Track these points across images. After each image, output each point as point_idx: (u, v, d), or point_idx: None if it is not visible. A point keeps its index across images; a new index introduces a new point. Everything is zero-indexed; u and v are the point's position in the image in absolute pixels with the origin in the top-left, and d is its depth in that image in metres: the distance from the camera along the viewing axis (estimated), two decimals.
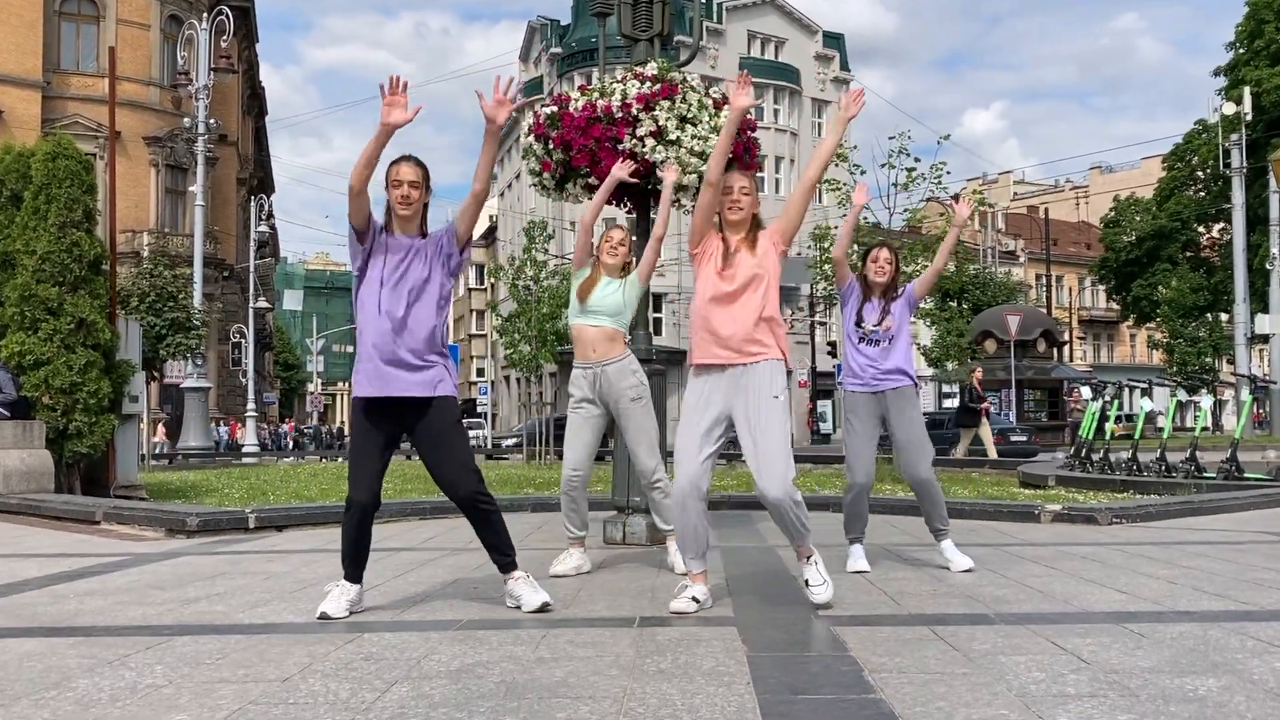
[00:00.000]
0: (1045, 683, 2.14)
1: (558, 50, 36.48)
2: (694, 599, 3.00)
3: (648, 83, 4.28)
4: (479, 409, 36.00)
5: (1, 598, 3.43)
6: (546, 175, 4.49)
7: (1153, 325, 34.10)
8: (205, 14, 20.47)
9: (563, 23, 37.75)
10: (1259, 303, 25.31)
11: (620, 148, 4.20)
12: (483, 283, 42.07)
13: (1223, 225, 30.61)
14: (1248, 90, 24.71)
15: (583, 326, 3.77)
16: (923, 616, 2.90)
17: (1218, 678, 2.17)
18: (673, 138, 4.17)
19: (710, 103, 4.33)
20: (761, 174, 34.50)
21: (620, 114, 4.21)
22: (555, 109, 4.40)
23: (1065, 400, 21.10)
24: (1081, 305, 50.22)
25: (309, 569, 4.00)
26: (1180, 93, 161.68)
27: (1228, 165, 24.76)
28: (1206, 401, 10.21)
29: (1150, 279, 32.93)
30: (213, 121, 19.38)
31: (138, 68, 27.47)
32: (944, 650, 2.46)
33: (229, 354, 27.97)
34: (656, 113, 4.18)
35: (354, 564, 3.05)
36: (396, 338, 2.96)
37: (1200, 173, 31.61)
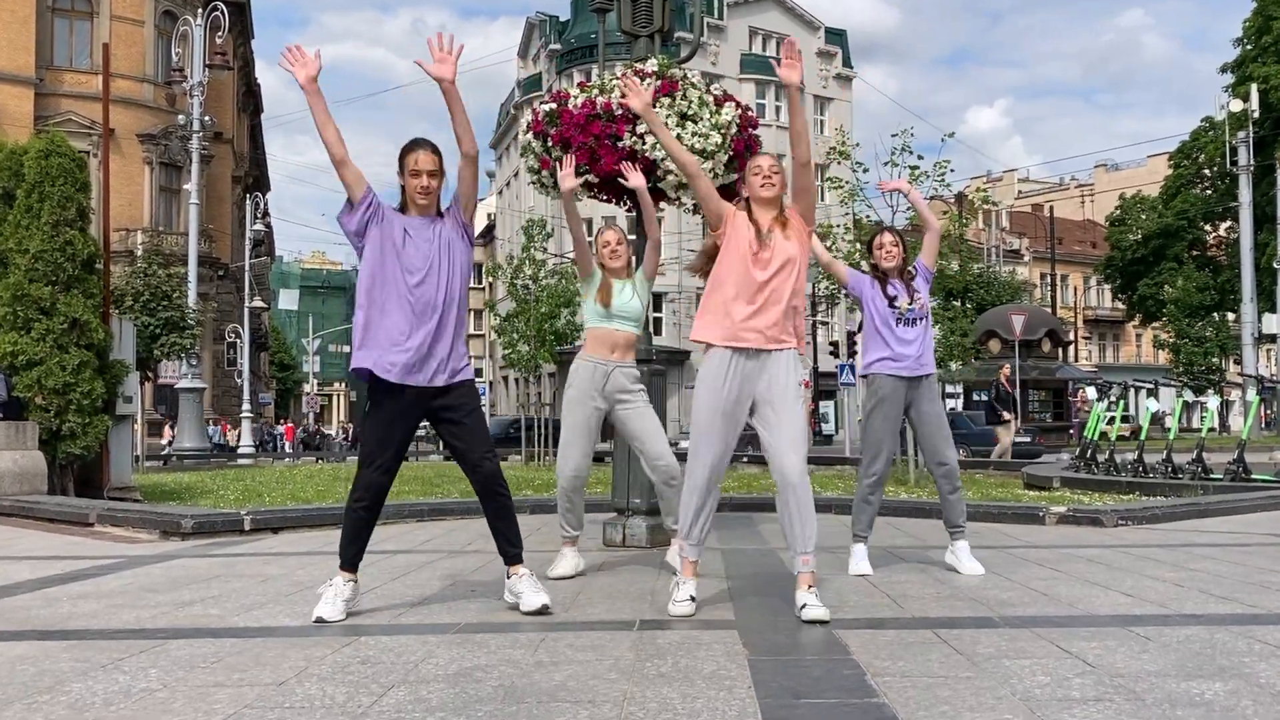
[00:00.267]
0: (1050, 686, 2.13)
1: (557, 47, 36.44)
2: (691, 598, 2.99)
3: (648, 79, 4.25)
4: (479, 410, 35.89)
5: None
6: (545, 173, 4.47)
7: (1159, 325, 33.85)
8: (200, 10, 20.43)
9: (562, 19, 37.70)
10: (1266, 302, 25.31)
11: (620, 145, 4.17)
12: (480, 282, 41.98)
13: (1230, 224, 30.43)
14: (1255, 87, 24.64)
15: (610, 330, 3.80)
16: (926, 619, 2.89)
17: (1225, 681, 2.16)
18: (673, 135, 4.14)
19: (711, 99, 4.30)
20: None
21: (620, 111, 4.18)
22: (554, 106, 4.37)
23: (1071, 401, 21.09)
24: (1087, 305, 50.08)
25: (305, 571, 3.97)
26: (1186, 90, 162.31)
27: (1234, 163, 24.76)
28: (1213, 402, 10.22)
29: (1156, 278, 32.80)
30: (207, 119, 19.32)
31: (132, 64, 27.38)
32: (947, 654, 2.45)
33: (224, 354, 27.91)
34: (657, 110, 4.15)
35: (354, 552, 3.02)
36: (431, 323, 2.93)
37: (1207, 170, 31.48)
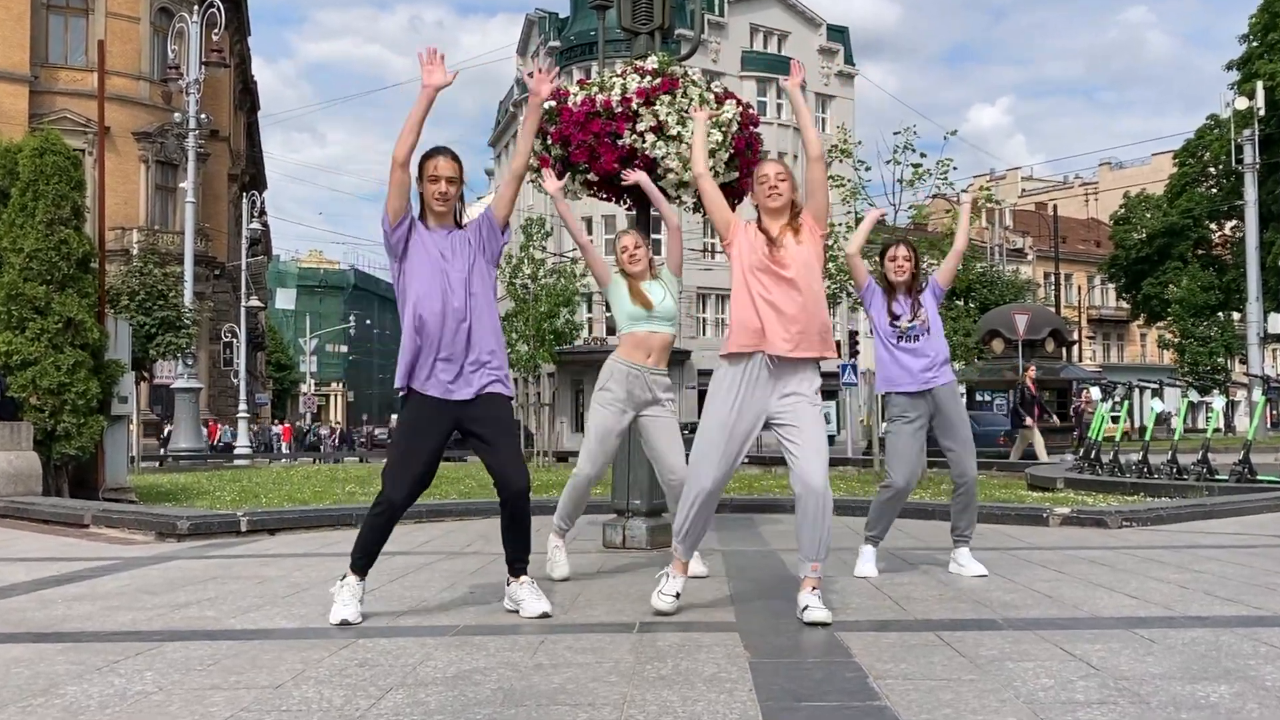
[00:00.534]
0: (1054, 689, 2.12)
1: (556, 44, 36.38)
2: (676, 595, 2.99)
3: (648, 77, 4.24)
4: None
5: None
6: (545, 171, 4.44)
7: (1163, 324, 33.58)
8: (196, 7, 20.35)
9: (561, 16, 37.65)
10: (1272, 301, 25.29)
11: (620, 143, 4.15)
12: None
13: (1235, 223, 30.41)
14: (1261, 84, 24.51)
15: (647, 333, 3.74)
16: (929, 622, 2.88)
17: (1230, 684, 2.15)
18: (673, 133, 4.12)
19: (711, 97, 4.28)
20: None
21: (620, 109, 4.17)
22: (553, 103, 4.35)
23: (1074, 400, 21.04)
24: (1091, 304, 50.00)
25: (302, 573, 3.95)
26: (1190, 87, 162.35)
27: (1240, 161, 24.67)
28: (1218, 402, 10.20)
29: (1161, 277, 32.71)
30: (204, 116, 19.26)
31: (127, 62, 27.29)
32: (950, 656, 2.43)
33: (220, 354, 27.80)
34: (657, 108, 4.14)
35: (367, 559, 3.01)
36: (463, 335, 2.93)
37: (1212, 169, 31.41)
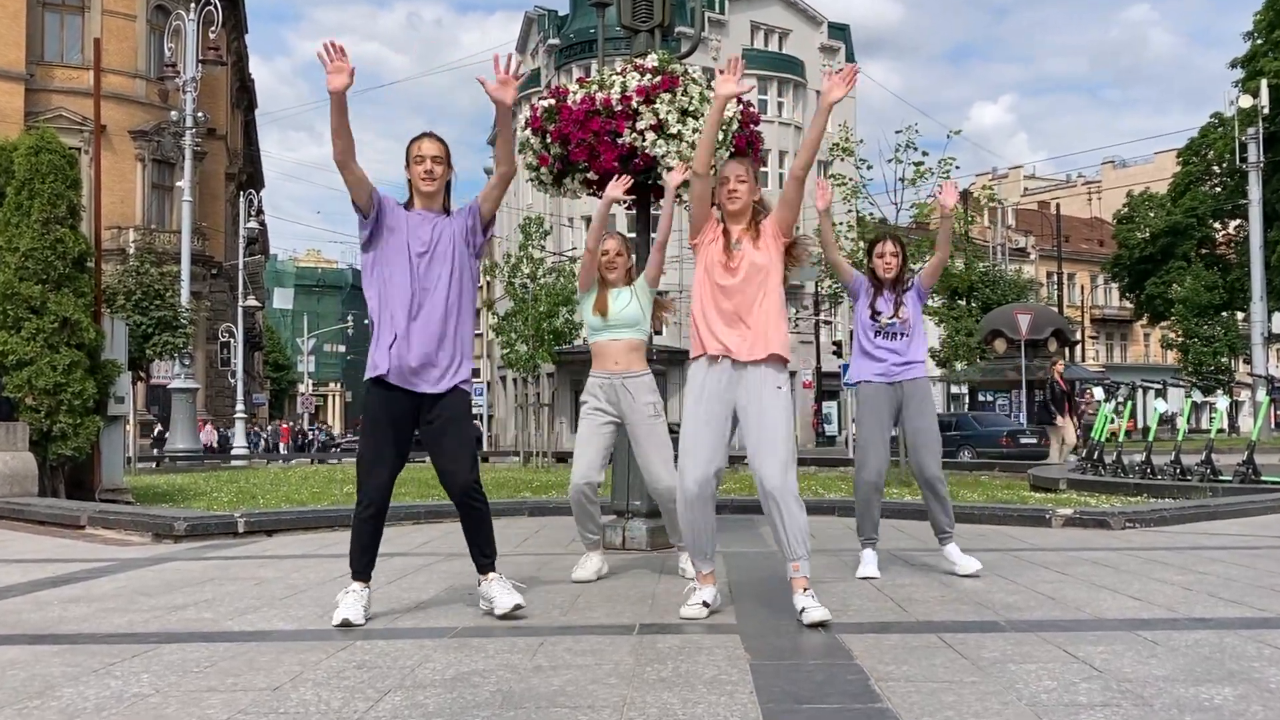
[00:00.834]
0: (1057, 692, 2.11)
1: (555, 42, 36.36)
2: (704, 603, 2.96)
3: (648, 75, 4.22)
4: (475, 410, 35.89)
5: None
6: (544, 170, 4.43)
7: (1167, 324, 33.64)
8: (193, 4, 20.28)
9: (561, 13, 37.62)
10: (1276, 301, 25.25)
11: (620, 141, 4.14)
12: (479, 281, 41.82)
13: (1239, 222, 30.37)
14: (1265, 82, 24.47)
15: (606, 342, 3.75)
16: (931, 623, 2.86)
17: (1234, 686, 2.14)
18: (673, 131, 4.11)
19: (712, 95, 4.26)
20: (765, 168, 34.31)
21: (620, 107, 4.15)
22: (553, 102, 4.33)
23: (1078, 401, 21.05)
24: (1094, 304, 49.88)
25: (300, 574, 3.94)
26: (1194, 85, 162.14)
27: (1244, 160, 24.66)
28: (1222, 403, 10.17)
29: (1164, 277, 32.68)
30: (201, 115, 19.22)
31: (123, 60, 27.24)
32: (953, 658, 2.42)
33: (217, 354, 27.74)
34: (657, 106, 4.13)
35: (366, 562, 2.99)
36: (427, 325, 2.92)
37: (1216, 167, 31.38)
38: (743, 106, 4.37)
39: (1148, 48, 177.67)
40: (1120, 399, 10.31)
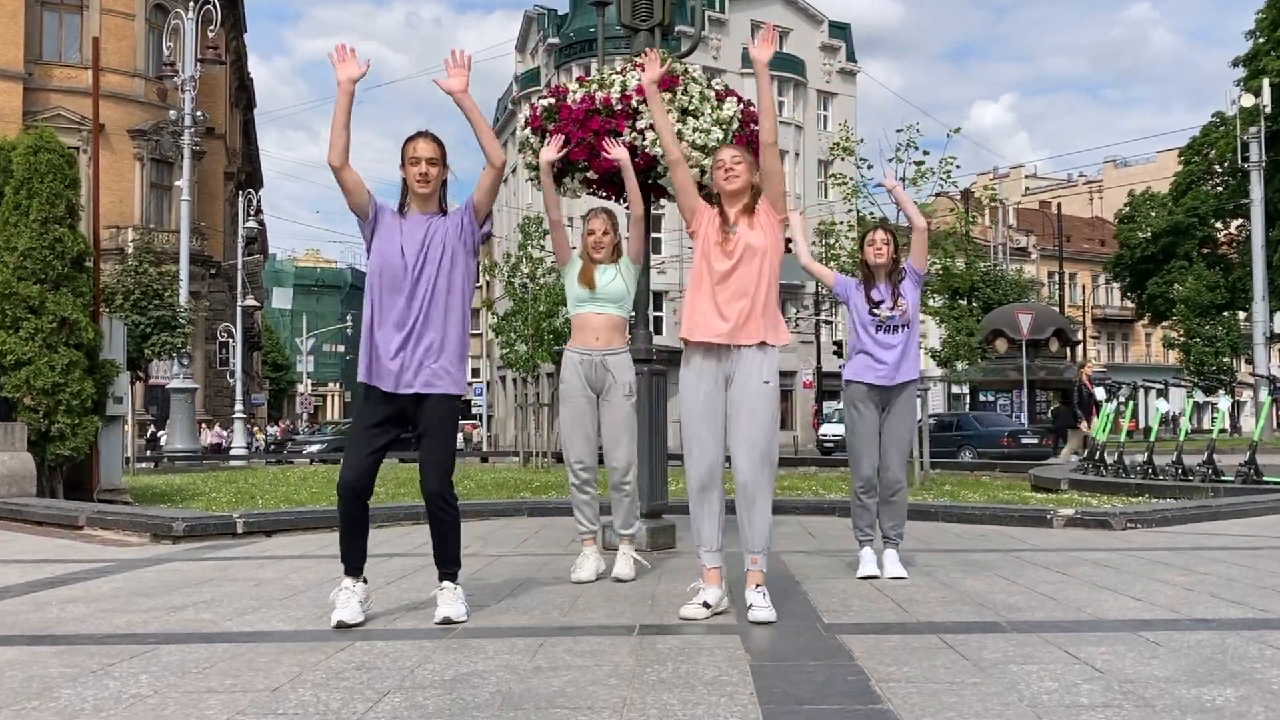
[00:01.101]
0: (1058, 693, 2.10)
1: (555, 41, 36.36)
2: (705, 604, 2.94)
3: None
4: (474, 410, 35.81)
5: None
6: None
7: (1168, 324, 33.62)
8: (192, 3, 20.24)
9: (560, 12, 37.62)
10: (1278, 300, 25.23)
11: (620, 140, 4.12)
12: (478, 281, 41.71)
13: (1241, 221, 30.33)
14: (1267, 81, 24.44)
15: (589, 314, 3.73)
16: (931, 624, 2.86)
17: (1236, 687, 2.14)
18: (674, 130, 4.09)
19: (712, 94, 4.26)
20: None
21: (620, 106, 4.14)
22: (553, 101, 4.32)
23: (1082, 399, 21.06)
24: (1095, 303, 49.88)
25: (299, 575, 3.93)
26: (1196, 84, 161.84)
27: (1246, 159, 24.64)
28: (1224, 403, 10.16)
29: (1166, 276, 32.65)
30: (199, 114, 19.18)
31: (122, 59, 27.20)
32: (954, 659, 2.42)
33: (216, 354, 27.72)
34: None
35: (352, 555, 2.96)
36: (420, 324, 2.91)
37: (1218, 167, 31.34)
38: (743, 106, 4.36)
39: (1149, 47, 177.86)
40: (1122, 399, 10.30)
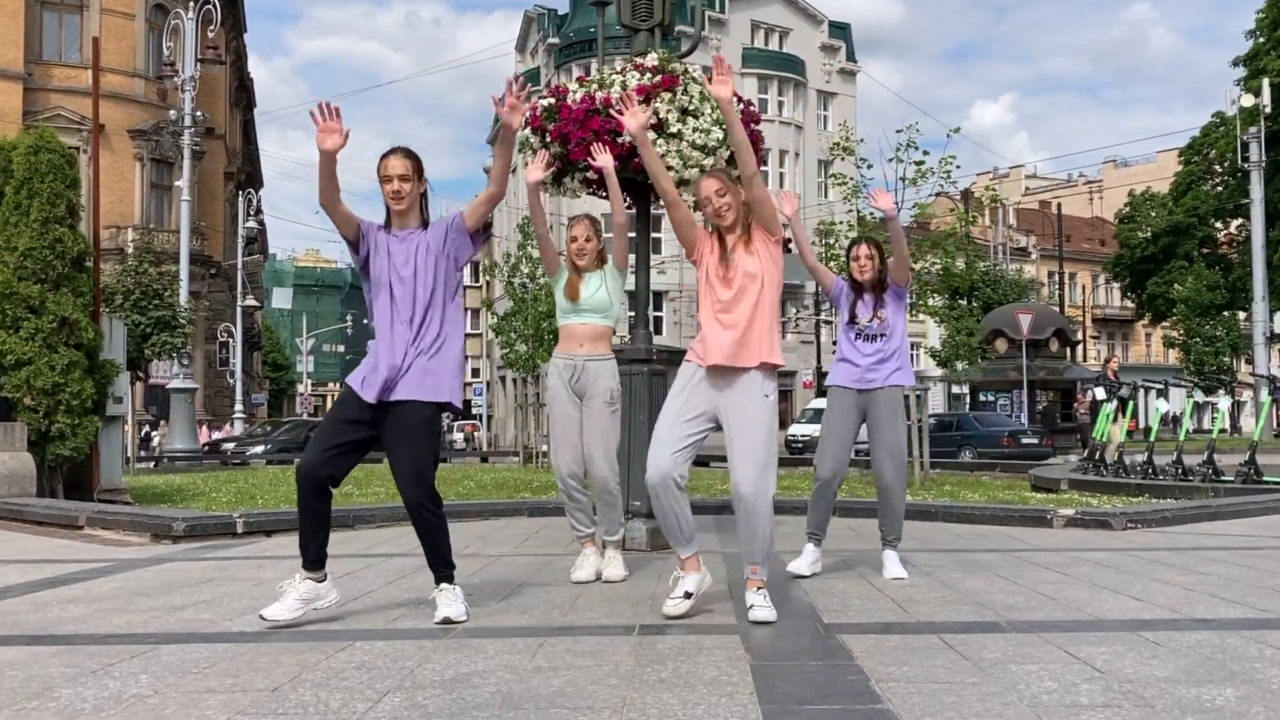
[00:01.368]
0: (1058, 693, 2.10)
1: (555, 41, 36.37)
2: (687, 594, 2.95)
3: (648, 74, 4.21)
4: (474, 410, 35.76)
5: None
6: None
7: (1168, 324, 33.66)
8: (192, 3, 20.24)
9: (560, 12, 37.64)
10: (1278, 300, 25.23)
11: (619, 141, 4.12)
12: (478, 280, 41.76)
13: (1241, 221, 30.31)
14: (1267, 81, 24.42)
15: (574, 325, 3.78)
16: (931, 624, 2.86)
17: (1236, 687, 2.14)
18: (674, 130, 4.11)
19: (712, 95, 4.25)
20: (765, 168, 34.21)
21: (620, 106, 4.13)
22: (553, 101, 4.32)
23: (1080, 400, 21.11)
24: (1095, 303, 49.79)
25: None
26: (1196, 84, 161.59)
27: (1246, 159, 24.63)
28: (1224, 403, 10.15)
29: (1166, 276, 32.62)
30: (199, 114, 19.17)
31: (122, 59, 27.20)
32: (953, 659, 2.42)
33: (216, 354, 27.74)
34: (657, 105, 4.12)
35: (307, 545, 2.93)
36: (407, 339, 2.92)
37: (1218, 167, 31.33)
38: (743, 106, 4.36)
39: (1149, 47, 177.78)
40: (1123, 397, 10.29)
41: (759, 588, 2.92)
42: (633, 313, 4.12)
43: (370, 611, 3.11)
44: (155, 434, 21.37)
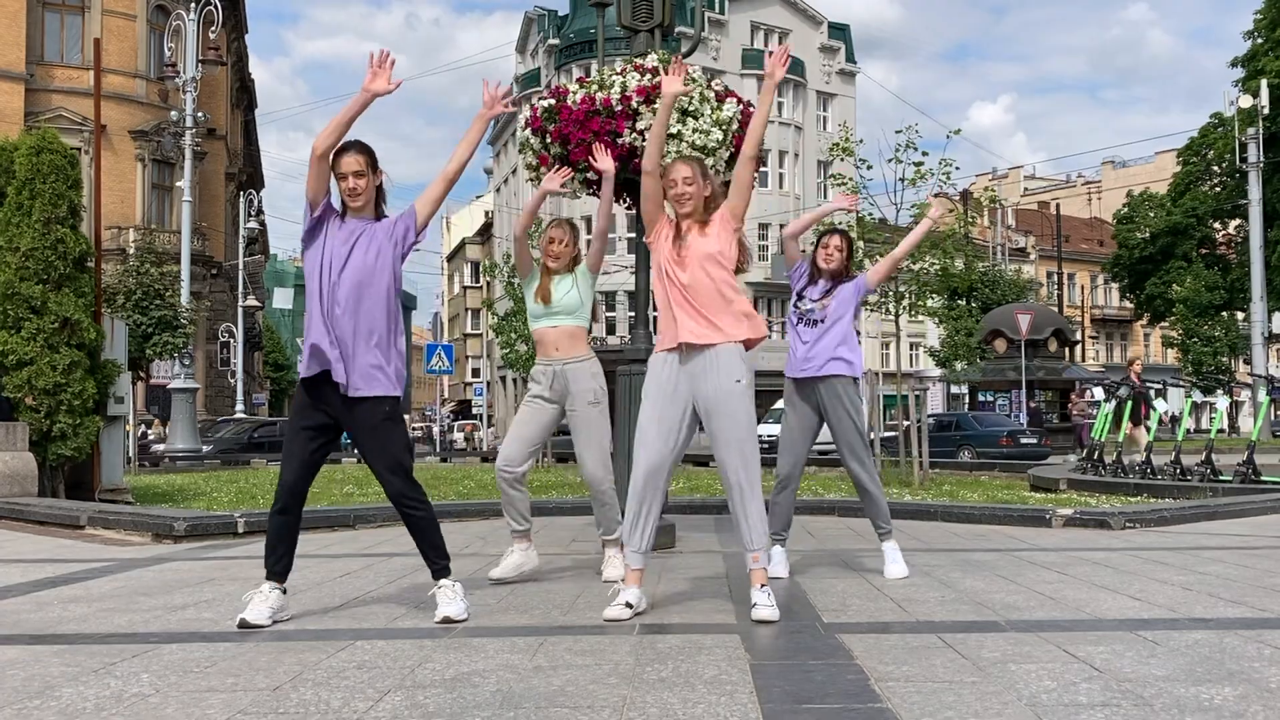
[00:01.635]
0: (1057, 692, 2.10)
1: (555, 42, 36.39)
2: (627, 604, 2.96)
3: (648, 75, 4.22)
4: (474, 410, 35.77)
5: None
6: (544, 170, 4.43)
7: (1167, 324, 33.64)
8: (193, 4, 20.23)
9: (560, 13, 37.67)
10: (1276, 301, 25.24)
11: (620, 141, 4.13)
12: (478, 280, 41.78)
13: (1239, 221, 30.28)
14: (1265, 82, 24.39)
15: (545, 329, 3.76)
16: (930, 624, 2.86)
17: (1234, 686, 2.14)
18: (674, 131, 4.11)
19: (712, 95, 4.27)
20: (765, 168, 34.28)
21: (620, 107, 4.15)
22: (553, 101, 4.33)
23: (1078, 400, 21.07)
24: (1094, 304, 49.72)
25: (299, 575, 3.91)
26: (1194, 85, 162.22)
27: (1244, 159, 24.62)
28: (1222, 403, 10.14)
29: (1164, 277, 32.55)
30: (201, 115, 19.19)
31: (124, 60, 27.22)
32: (952, 658, 2.42)
33: (217, 354, 27.74)
34: (657, 106, 4.12)
35: (275, 560, 2.96)
36: (342, 325, 2.92)
37: (1216, 167, 31.30)
38: (743, 106, 4.37)
39: (1147, 47, 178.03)
40: (1121, 397, 10.28)
41: (763, 584, 2.93)
42: (633, 313, 4.13)
43: (371, 611, 3.12)
44: (151, 434, 21.26)
